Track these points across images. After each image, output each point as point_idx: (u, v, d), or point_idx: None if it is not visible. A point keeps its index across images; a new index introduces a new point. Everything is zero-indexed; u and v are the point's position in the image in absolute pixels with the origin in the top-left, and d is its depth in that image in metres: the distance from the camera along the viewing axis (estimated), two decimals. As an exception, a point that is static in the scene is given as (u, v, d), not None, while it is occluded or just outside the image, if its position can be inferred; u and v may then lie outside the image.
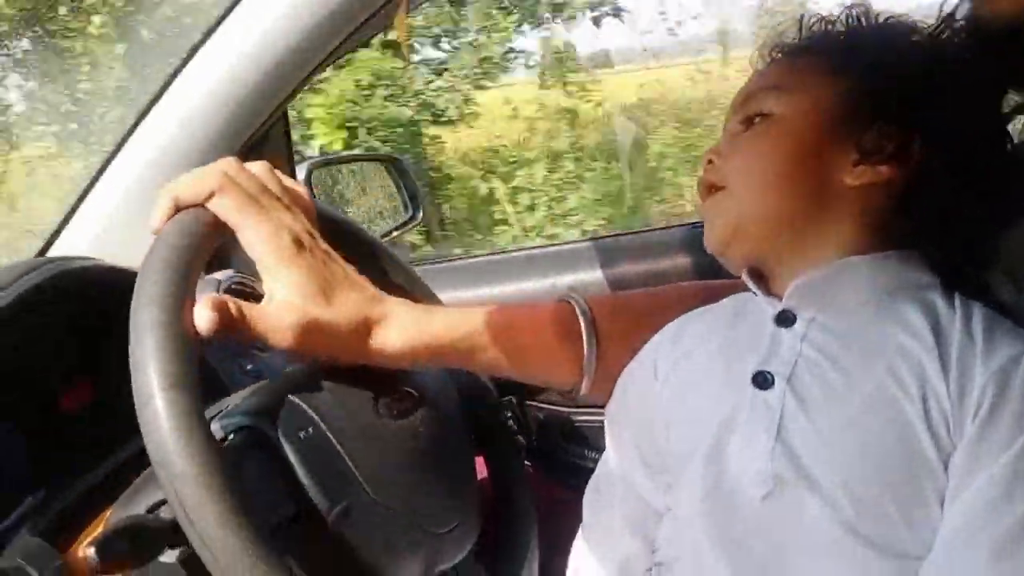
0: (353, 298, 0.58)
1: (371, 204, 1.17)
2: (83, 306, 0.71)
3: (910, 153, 0.57)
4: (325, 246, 0.59)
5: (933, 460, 0.50)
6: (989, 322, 0.54)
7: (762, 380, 0.56)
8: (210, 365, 0.77)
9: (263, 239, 0.54)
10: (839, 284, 0.57)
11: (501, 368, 0.67)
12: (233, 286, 0.80)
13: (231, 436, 0.52)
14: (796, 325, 0.57)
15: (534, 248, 1.09)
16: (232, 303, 0.52)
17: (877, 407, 0.52)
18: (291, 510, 0.51)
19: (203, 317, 0.50)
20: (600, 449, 0.73)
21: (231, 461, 0.48)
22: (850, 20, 0.64)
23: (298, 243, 0.55)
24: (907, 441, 0.50)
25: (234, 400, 0.58)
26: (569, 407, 0.90)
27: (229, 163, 0.55)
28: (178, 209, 0.53)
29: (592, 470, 0.73)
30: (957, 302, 0.56)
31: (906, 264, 0.58)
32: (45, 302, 0.67)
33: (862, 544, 0.50)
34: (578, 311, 0.68)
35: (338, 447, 0.54)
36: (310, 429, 0.54)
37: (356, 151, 3.74)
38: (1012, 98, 0.62)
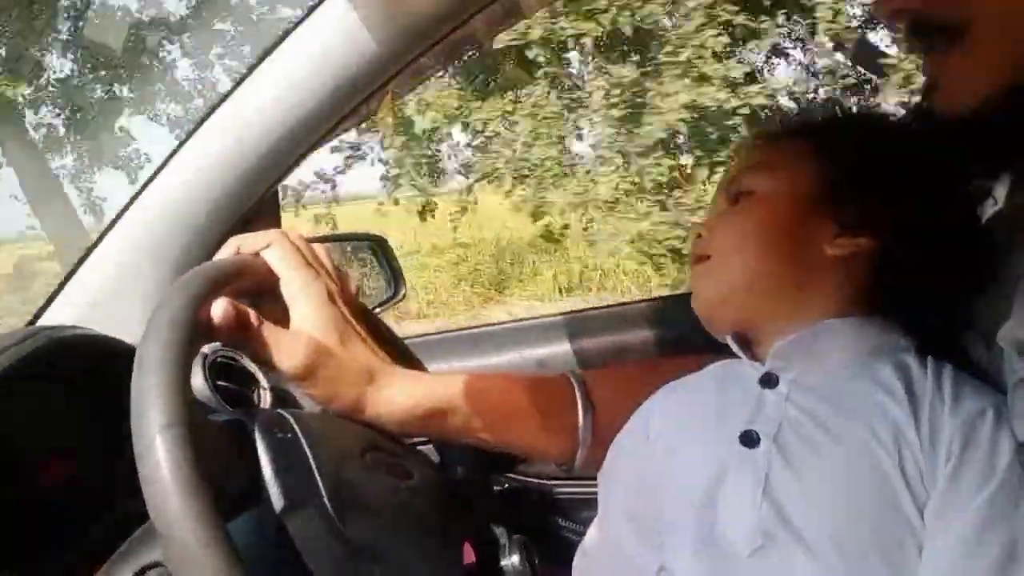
0: (366, 352, 0.62)
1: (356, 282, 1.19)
2: (69, 377, 0.71)
3: (887, 226, 0.62)
4: (354, 311, 0.64)
5: (910, 511, 0.52)
6: (957, 380, 0.57)
7: (748, 439, 0.58)
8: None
9: (300, 284, 0.60)
10: (819, 345, 0.61)
11: (495, 436, 0.68)
12: (219, 359, 0.81)
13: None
14: (780, 386, 0.60)
15: (507, 323, 1.11)
16: (254, 314, 0.57)
17: (858, 462, 0.54)
18: (244, 488, 0.52)
19: (219, 309, 0.54)
20: (581, 521, 0.74)
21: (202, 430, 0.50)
22: (827, 110, 0.70)
23: (332, 296, 0.61)
24: (886, 493, 0.53)
25: None
26: (550, 480, 0.90)
27: (290, 229, 0.63)
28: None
29: (574, 542, 0.73)
30: (929, 363, 0.59)
31: (884, 328, 0.62)
32: (32, 372, 0.67)
33: None
34: (574, 382, 0.70)
35: (311, 460, 0.55)
36: (288, 435, 0.55)
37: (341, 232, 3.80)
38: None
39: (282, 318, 0.62)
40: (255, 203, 0.80)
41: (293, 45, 0.72)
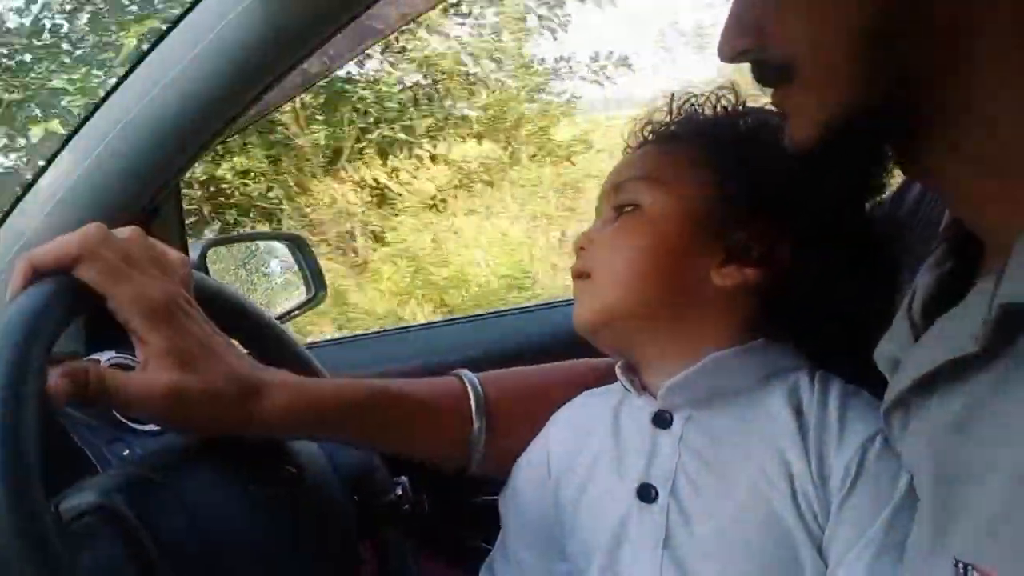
0: (231, 364, 0.54)
1: (268, 284, 1.14)
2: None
3: (778, 256, 0.58)
4: (201, 312, 0.55)
5: (810, 552, 0.52)
6: (843, 402, 0.56)
7: (646, 493, 0.57)
8: (77, 446, 0.72)
9: (131, 301, 0.50)
10: (709, 380, 0.58)
11: (387, 442, 0.65)
12: (112, 364, 0.76)
13: (81, 517, 0.47)
14: (673, 426, 0.59)
15: (412, 327, 1.08)
16: (92, 370, 0.49)
17: (752, 511, 0.54)
18: None
19: (54, 385, 0.46)
20: (496, 533, 0.71)
21: (75, 544, 0.44)
22: (718, 105, 0.65)
23: (170, 306, 0.52)
24: (783, 540, 0.53)
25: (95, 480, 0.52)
26: (465, 491, 0.87)
27: (94, 229, 0.51)
28: (37, 275, 0.49)
29: (488, 553, 0.71)
30: (817, 382, 0.58)
31: (772, 351, 0.59)
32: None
33: None
34: (468, 387, 0.67)
35: (204, 533, 0.50)
36: (175, 517, 0.49)
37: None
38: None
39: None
40: (154, 199, 0.76)
41: (183, 32, 0.68)
